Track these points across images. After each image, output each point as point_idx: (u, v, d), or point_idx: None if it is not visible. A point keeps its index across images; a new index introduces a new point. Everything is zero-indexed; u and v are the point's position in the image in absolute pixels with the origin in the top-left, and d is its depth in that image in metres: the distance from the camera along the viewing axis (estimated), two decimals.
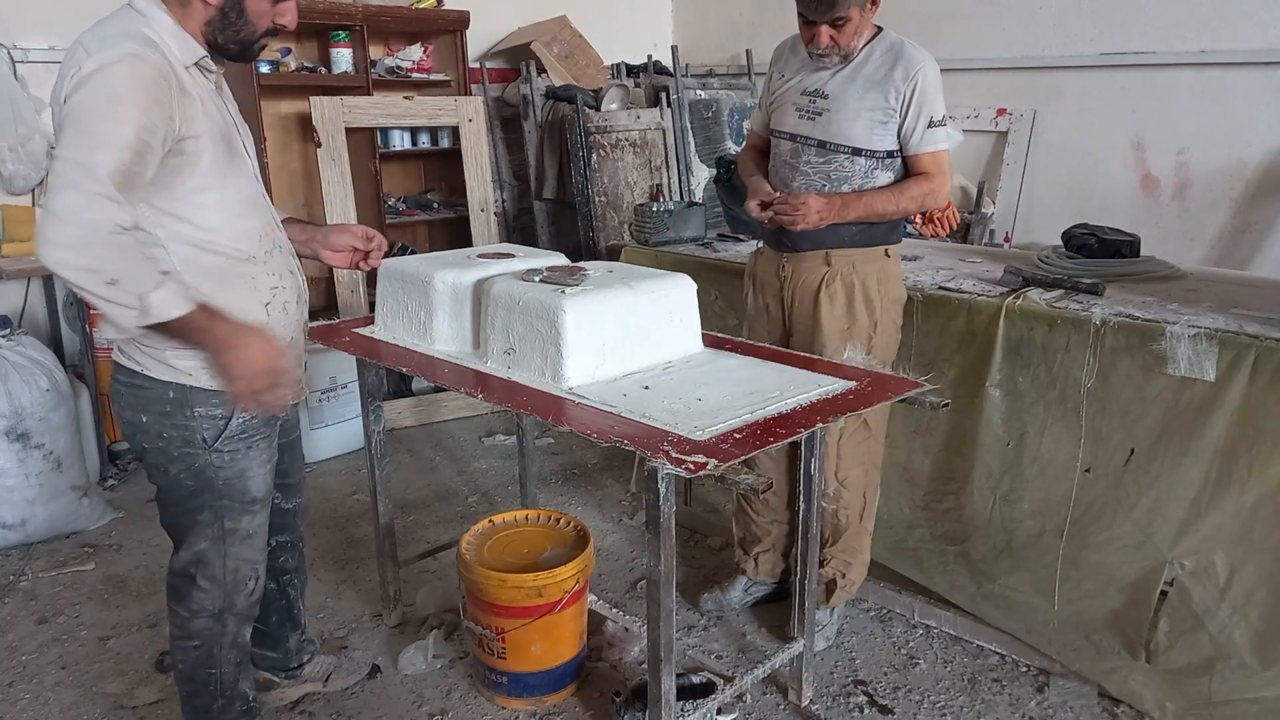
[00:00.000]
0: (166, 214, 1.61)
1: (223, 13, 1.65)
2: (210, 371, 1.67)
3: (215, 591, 1.88)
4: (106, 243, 1.43)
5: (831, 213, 2.33)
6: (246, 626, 1.99)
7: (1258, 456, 2.13)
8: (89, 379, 3.62)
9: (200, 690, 1.96)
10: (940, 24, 4.74)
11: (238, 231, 1.69)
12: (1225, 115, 3.94)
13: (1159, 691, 2.29)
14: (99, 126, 1.47)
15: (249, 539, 1.88)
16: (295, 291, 1.85)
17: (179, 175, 1.58)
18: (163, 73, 1.54)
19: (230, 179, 1.67)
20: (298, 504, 2.21)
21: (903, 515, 2.79)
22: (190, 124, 1.57)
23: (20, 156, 3.70)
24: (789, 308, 2.50)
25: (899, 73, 2.30)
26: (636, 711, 2.18)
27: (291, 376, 1.68)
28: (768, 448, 1.80)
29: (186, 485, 1.79)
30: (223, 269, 1.68)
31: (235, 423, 1.76)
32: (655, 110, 5.05)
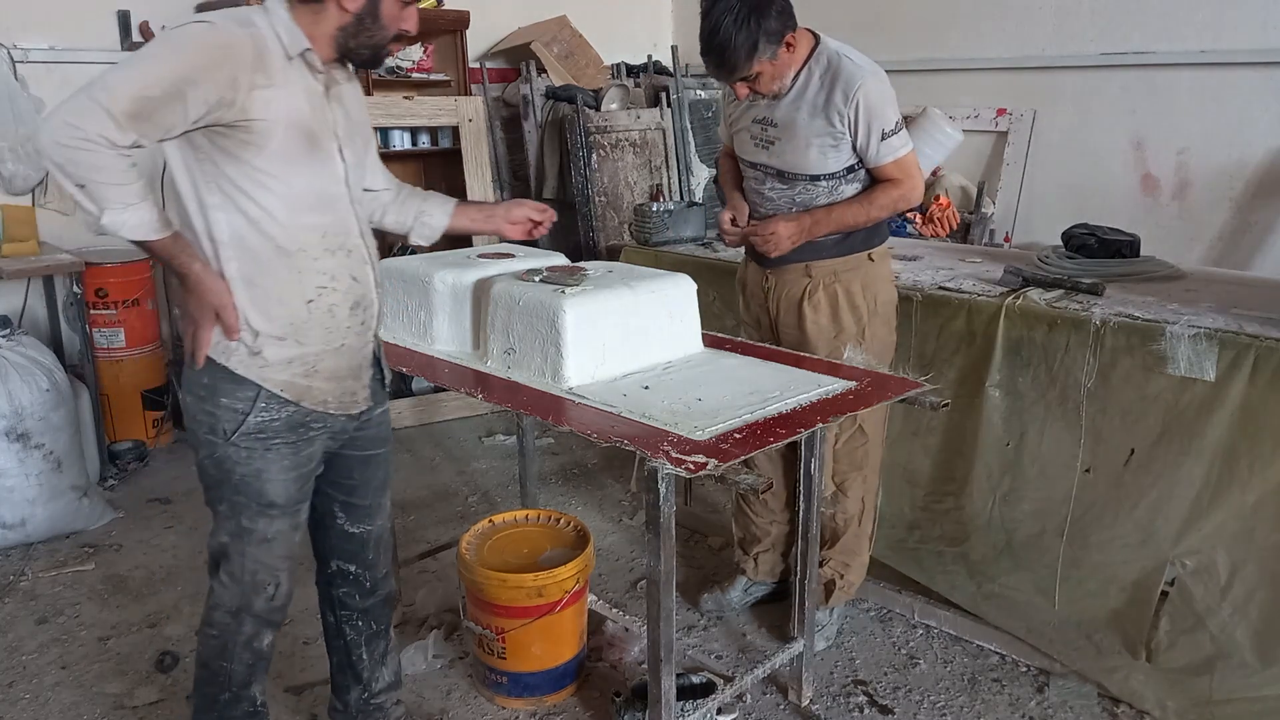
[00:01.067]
0: (229, 183, 1.62)
1: (359, 18, 1.68)
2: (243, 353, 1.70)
3: (234, 589, 1.85)
4: (85, 149, 1.47)
5: (802, 234, 2.34)
6: (267, 632, 1.91)
7: (1258, 456, 2.13)
8: (89, 379, 3.62)
9: (211, 679, 1.94)
10: (940, 24, 4.74)
11: (297, 222, 1.68)
12: (1225, 115, 3.94)
13: (1160, 691, 2.29)
14: (141, 62, 1.54)
15: (267, 544, 1.82)
16: (352, 298, 1.77)
17: (245, 151, 1.60)
18: (234, 44, 1.57)
19: (301, 172, 1.67)
20: (368, 531, 2.01)
21: (903, 515, 2.79)
22: (262, 106, 1.59)
23: (20, 156, 3.70)
24: (774, 318, 2.51)
25: (839, 96, 2.24)
26: (636, 711, 2.18)
27: (230, 323, 1.67)
28: (767, 448, 1.80)
29: (211, 474, 1.79)
30: (267, 252, 1.67)
31: (252, 420, 1.72)
32: (655, 110, 5.05)
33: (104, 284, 3.80)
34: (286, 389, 1.73)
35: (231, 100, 1.56)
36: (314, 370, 1.75)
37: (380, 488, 2.03)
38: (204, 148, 1.60)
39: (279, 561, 1.85)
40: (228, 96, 1.55)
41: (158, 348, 4.06)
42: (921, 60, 4.79)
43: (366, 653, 2.10)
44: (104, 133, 1.48)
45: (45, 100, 3.81)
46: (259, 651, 1.92)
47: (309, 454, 1.82)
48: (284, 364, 1.72)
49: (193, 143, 1.61)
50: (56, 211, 3.90)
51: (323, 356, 1.76)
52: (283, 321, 1.70)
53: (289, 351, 1.72)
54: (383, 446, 2.01)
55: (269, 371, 1.71)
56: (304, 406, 1.76)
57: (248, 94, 1.57)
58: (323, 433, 1.82)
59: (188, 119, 1.54)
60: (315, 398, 1.77)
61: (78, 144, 1.47)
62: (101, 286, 3.80)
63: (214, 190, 1.63)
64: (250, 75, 1.57)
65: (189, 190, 1.65)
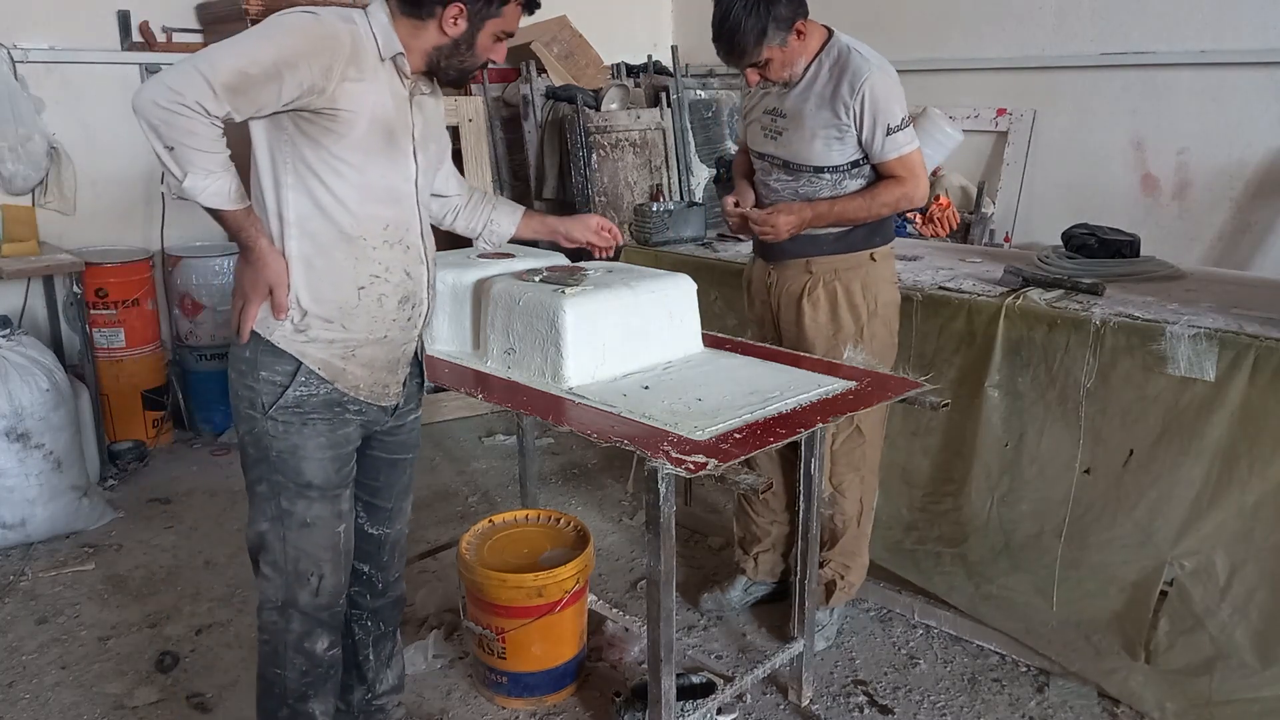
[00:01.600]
0: (305, 166, 1.68)
1: (455, 43, 1.76)
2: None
3: (278, 580, 1.84)
4: (181, 114, 1.53)
5: (801, 224, 2.35)
6: (320, 634, 1.88)
7: (1258, 456, 2.13)
8: (89, 379, 3.62)
9: (268, 691, 1.92)
10: (940, 24, 4.73)
11: (364, 212, 1.73)
12: (1225, 115, 3.93)
13: (1159, 692, 2.29)
14: (246, 40, 1.60)
15: (307, 529, 1.82)
16: (402, 292, 1.81)
17: (326, 138, 1.67)
18: (335, 36, 1.64)
19: (377, 165, 1.73)
20: (386, 533, 2.04)
21: (901, 516, 2.79)
22: (350, 98, 1.65)
23: (20, 156, 3.70)
24: (776, 314, 2.51)
25: (845, 88, 2.26)
26: (636, 711, 2.18)
27: (280, 301, 1.71)
28: (767, 448, 1.80)
29: (250, 452, 1.81)
30: (330, 236, 1.72)
31: (291, 394, 1.75)
32: (655, 110, 5.05)
33: (104, 284, 3.81)
34: (323, 368, 1.76)
35: (323, 88, 1.62)
36: (352, 355, 1.78)
37: (403, 492, 2.06)
38: (288, 130, 1.67)
39: (321, 551, 1.84)
40: (320, 84, 1.62)
41: (158, 348, 4.07)
42: (921, 60, 4.79)
43: (373, 653, 2.11)
44: (201, 100, 1.53)
45: (45, 100, 3.81)
46: (313, 657, 1.89)
47: (345, 434, 1.84)
48: (325, 344, 1.75)
49: (278, 124, 1.67)
50: (56, 211, 3.91)
51: (364, 344, 1.79)
52: (332, 304, 1.74)
53: (333, 334, 1.75)
54: (410, 452, 2.04)
55: (309, 348, 1.75)
56: (338, 388, 1.79)
57: (339, 84, 1.64)
58: (358, 417, 1.85)
59: (280, 100, 1.60)
60: (348, 381, 1.79)
61: (175, 108, 1.53)
62: (101, 286, 3.80)
63: (289, 171, 1.69)
64: (344, 67, 1.64)
65: (266, 168, 1.70)
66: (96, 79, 3.98)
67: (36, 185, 3.83)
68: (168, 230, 4.21)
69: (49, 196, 3.87)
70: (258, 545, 1.85)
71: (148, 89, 1.55)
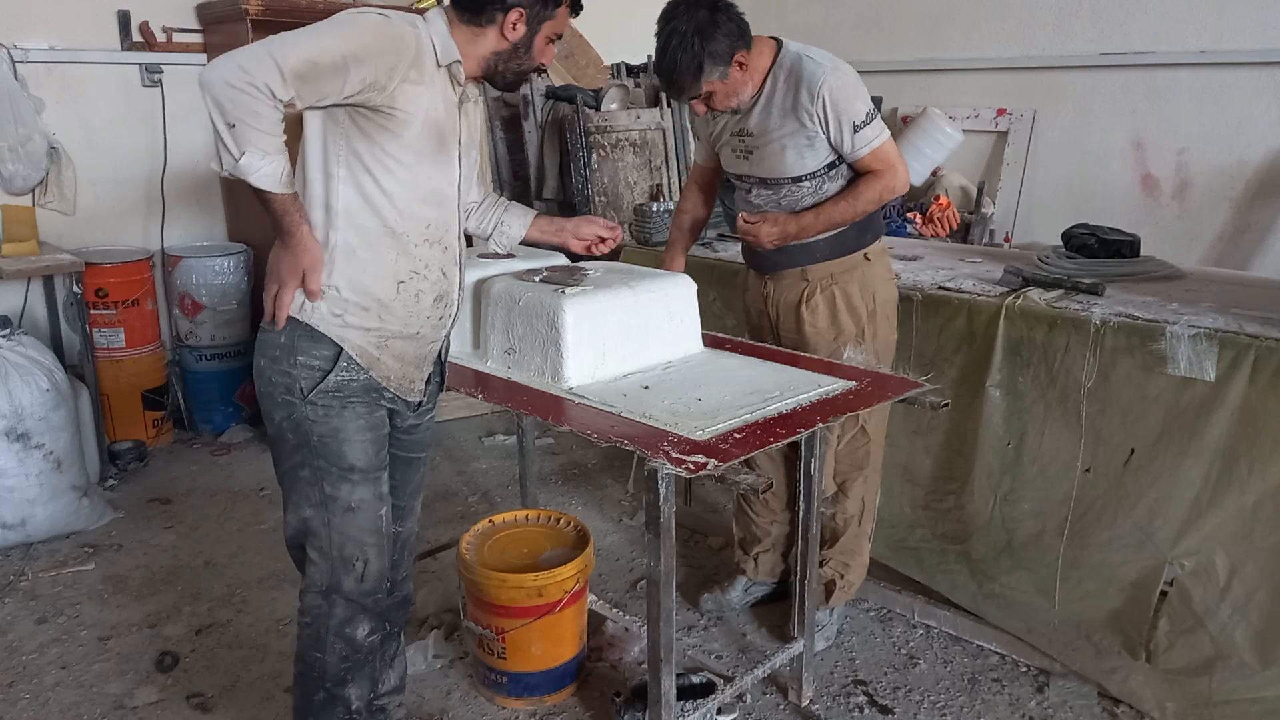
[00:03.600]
0: (357, 160, 1.73)
1: (515, 47, 1.84)
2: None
3: (323, 565, 1.86)
4: (248, 94, 1.57)
5: (785, 237, 2.36)
6: (362, 619, 1.90)
7: (1258, 456, 2.13)
8: (89, 379, 3.61)
9: (307, 674, 1.93)
10: (940, 24, 4.73)
11: (409, 210, 1.78)
12: (1225, 115, 3.94)
13: (1159, 691, 2.29)
14: (317, 31, 1.65)
15: (351, 513, 1.83)
16: (438, 290, 1.87)
17: (381, 135, 1.72)
18: (402, 37, 1.70)
19: (426, 166, 1.79)
20: (398, 532, 2.05)
21: (903, 515, 2.79)
22: (408, 99, 1.71)
23: (20, 156, 3.70)
24: (775, 322, 2.51)
25: (804, 95, 2.25)
26: (636, 711, 2.18)
27: (313, 286, 1.74)
28: (767, 448, 1.80)
29: (289, 438, 1.82)
30: (375, 230, 1.77)
31: (332, 379, 1.78)
32: (655, 110, 5.05)
33: (104, 284, 3.80)
34: (361, 355, 1.80)
35: (385, 86, 1.68)
36: (385, 345, 1.82)
37: (415, 491, 2.10)
38: (344, 123, 1.72)
39: (365, 535, 1.86)
40: (382, 82, 1.67)
41: (158, 348, 4.06)
42: (921, 60, 4.79)
43: (379, 653, 2.10)
44: (270, 83, 1.57)
45: (45, 100, 3.81)
46: (354, 642, 1.90)
47: (380, 418, 1.87)
48: (362, 331, 1.79)
49: (334, 116, 1.72)
50: (56, 211, 3.91)
51: (397, 337, 1.83)
52: (371, 296, 1.78)
53: (369, 323, 1.79)
54: (425, 451, 2.08)
55: (348, 333, 1.78)
56: (372, 375, 1.82)
57: (399, 84, 1.69)
58: (390, 403, 1.88)
59: (343, 92, 1.65)
60: (380, 371, 1.83)
61: (244, 87, 1.56)
62: (101, 286, 3.80)
63: (341, 163, 1.73)
64: (406, 69, 1.70)
65: (317, 158, 1.74)
66: (96, 79, 3.98)
67: (36, 185, 3.82)
68: (168, 230, 4.21)
69: (49, 196, 3.87)
70: (301, 531, 1.87)
71: (219, 66, 1.59)
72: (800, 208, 2.37)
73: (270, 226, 1.73)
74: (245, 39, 3.82)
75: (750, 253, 2.52)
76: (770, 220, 2.36)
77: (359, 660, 1.94)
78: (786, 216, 2.36)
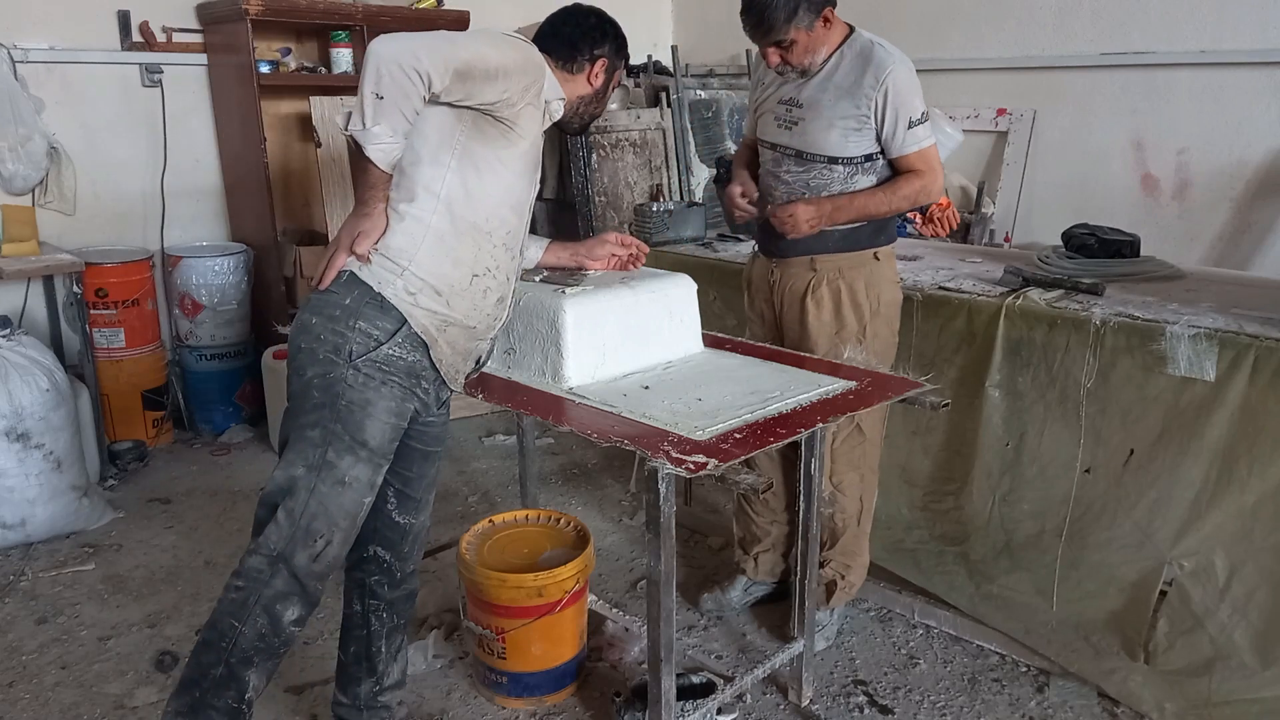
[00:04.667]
0: (469, 158, 1.84)
1: (596, 93, 2.03)
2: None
3: (286, 529, 1.80)
4: (409, 75, 1.67)
5: (822, 218, 2.34)
6: (295, 601, 1.82)
7: (1258, 456, 2.13)
8: (89, 379, 3.61)
9: (213, 643, 1.82)
10: (940, 24, 4.73)
11: (499, 214, 1.89)
12: (1225, 115, 3.93)
13: (1158, 692, 2.29)
14: (473, 39, 1.81)
15: (341, 487, 1.81)
16: (501, 291, 1.96)
17: (498, 142, 1.85)
18: (540, 66, 1.88)
19: (521, 178, 1.92)
20: (411, 523, 2.09)
21: (902, 516, 2.79)
22: (528, 119, 1.86)
23: (20, 156, 3.70)
24: (779, 312, 2.51)
25: (868, 79, 2.27)
26: (636, 711, 2.18)
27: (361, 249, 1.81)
28: (768, 448, 1.80)
29: (314, 395, 1.82)
30: (466, 223, 1.86)
31: (385, 350, 1.82)
32: (655, 110, 5.05)
33: (104, 284, 3.80)
34: (424, 333, 1.85)
35: (515, 103, 1.82)
36: (444, 330, 1.88)
37: (430, 485, 2.13)
38: (468, 121, 1.82)
39: (341, 515, 1.83)
40: (515, 98, 1.81)
41: (158, 348, 4.06)
42: (921, 60, 4.72)
43: (385, 645, 2.15)
44: (432, 73, 1.68)
45: (45, 100, 3.81)
46: (278, 623, 1.82)
47: (408, 408, 1.90)
48: (429, 313, 1.85)
49: (461, 114, 1.81)
50: (57, 211, 3.91)
51: (456, 324, 1.89)
52: (447, 281, 1.85)
53: (436, 305, 1.85)
54: (441, 445, 2.13)
55: (417, 311, 1.84)
56: (425, 358, 1.87)
57: (526, 105, 1.84)
58: (423, 395, 1.92)
59: (484, 97, 1.78)
60: (438, 352, 1.88)
61: (409, 70, 1.67)
62: (101, 286, 3.80)
63: (456, 156, 1.83)
64: (535, 94, 1.86)
65: (433, 145, 1.83)
66: (96, 79, 3.98)
67: (36, 185, 3.83)
68: (168, 230, 4.21)
69: (49, 196, 3.87)
70: (284, 489, 1.82)
71: (397, 42, 1.69)
72: (825, 194, 2.37)
73: (353, 194, 1.84)
74: (245, 39, 3.83)
75: (765, 235, 2.51)
76: (803, 202, 2.36)
77: (273, 646, 1.84)
78: (820, 199, 2.36)
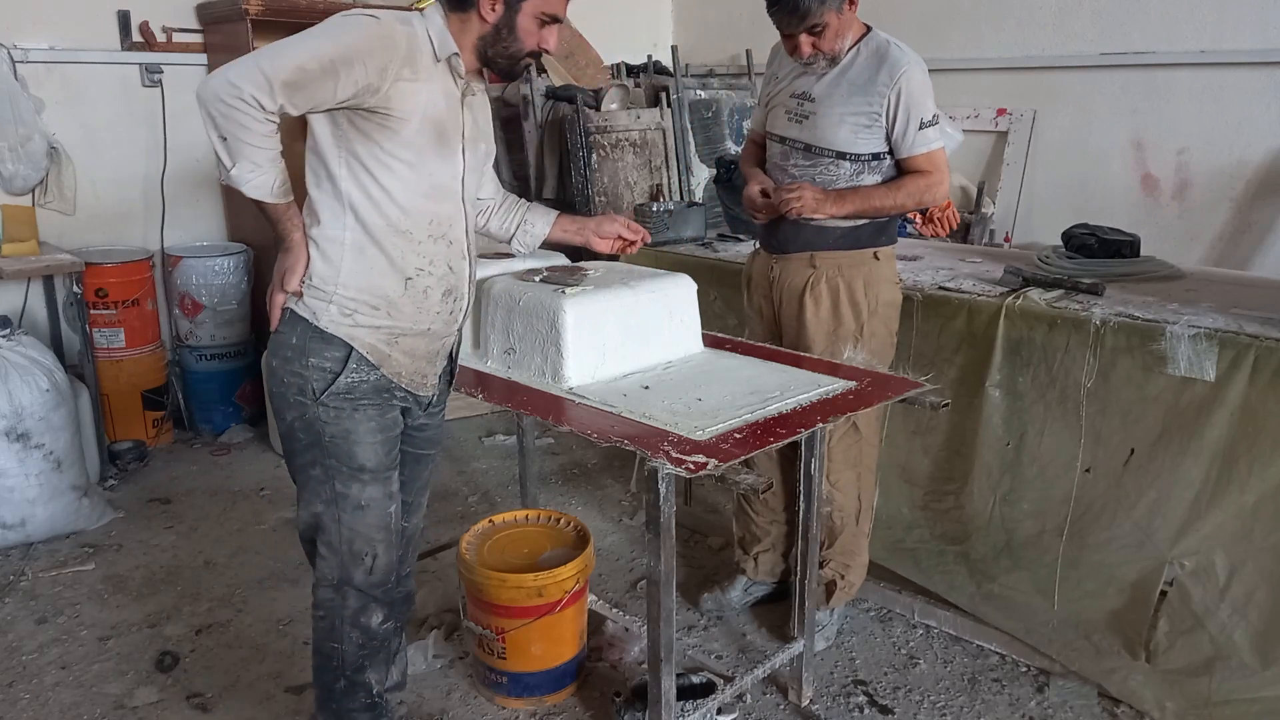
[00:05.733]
0: (357, 161, 1.76)
1: (496, 29, 1.82)
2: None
3: (333, 560, 1.90)
4: (238, 108, 1.61)
5: (827, 203, 2.34)
6: (374, 609, 1.95)
7: (1258, 456, 2.13)
8: (89, 379, 3.61)
9: (325, 665, 1.98)
10: (940, 24, 4.73)
11: (412, 206, 1.80)
12: (1225, 115, 3.93)
13: (1159, 691, 2.29)
14: (306, 38, 1.67)
15: (361, 510, 1.87)
16: (446, 285, 1.89)
17: (379, 134, 1.74)
18: (392, 38, 1.71)
19: (426, 162, 1.80)
20: (404, 528, 2.08)
21: (902, 515, 2.79)
22: (403, 98, 1.72)
23: (20, 156, 3.70)
24: (777, 308, 2.52)
25: (883, 76, 2.28)
26: (636, 711, 2.18)
27: (287, 285, 1.78)
28: (767, 448, 1.80)
29: (300, 437, 1.85)
30: (380, 228, 1.79)
31: (343, 380, 1.80)
32: (655, 110, 5.05)
33: (104, 284, 3.80)
34: (371, 352, 1.82)
35: (378, 88, 1.69)
36: (395, 342, 1.84)
37: (423, 487, 2.13)
38: (343, 125, 1.74)
39: (374, 531, 1.90)
40: (375, 83, 1.69)
41: (158, 348, 4.06)
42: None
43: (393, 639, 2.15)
44: (257, 96, 1.61)
45: (45, 100, 3.81)
46: (368, 630, 1.95)
47: (392, 418, 1.90)
48: (372, 329, 1.82)
49: (334, 120, 1.74)
50: (56, 211, 3.91)
51: (408, 334, 1.85)
52: (380, 293, 1.81)
53: (379, 321, 1.82)
54: (434, 448, 2.11)
55: (358, 332, 1.80)
56: (384, 374, 1.84)
57: (393, 84, 1.70)
58: (402, 403, 1.91)
59: (336, 97, 1.67)
60: (392, 367, 1.85)
61: (233, 101, 1.60)
62: (101, 286, 3.80)
63: (343, 164, 1.77)
64: (399, 68, 1.71)
65: (321, 160, 1.78)
66: (96, 79, 3.98)
67: (36, 185, 3.83)
68: (168, 230, 4.21)
69: (49, 196, 3.87)
70: (313, 526, 1.91)
71: (212, 81, 1.63)
72: (831, 189, 2.37)
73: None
74: (245, 39, 3.83)
75: (767, 229, 2.51)
76: (811, 185, 2.36)
77: (375, 647, 1.98)
78: (826, 191, 2.36)
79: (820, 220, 2.39)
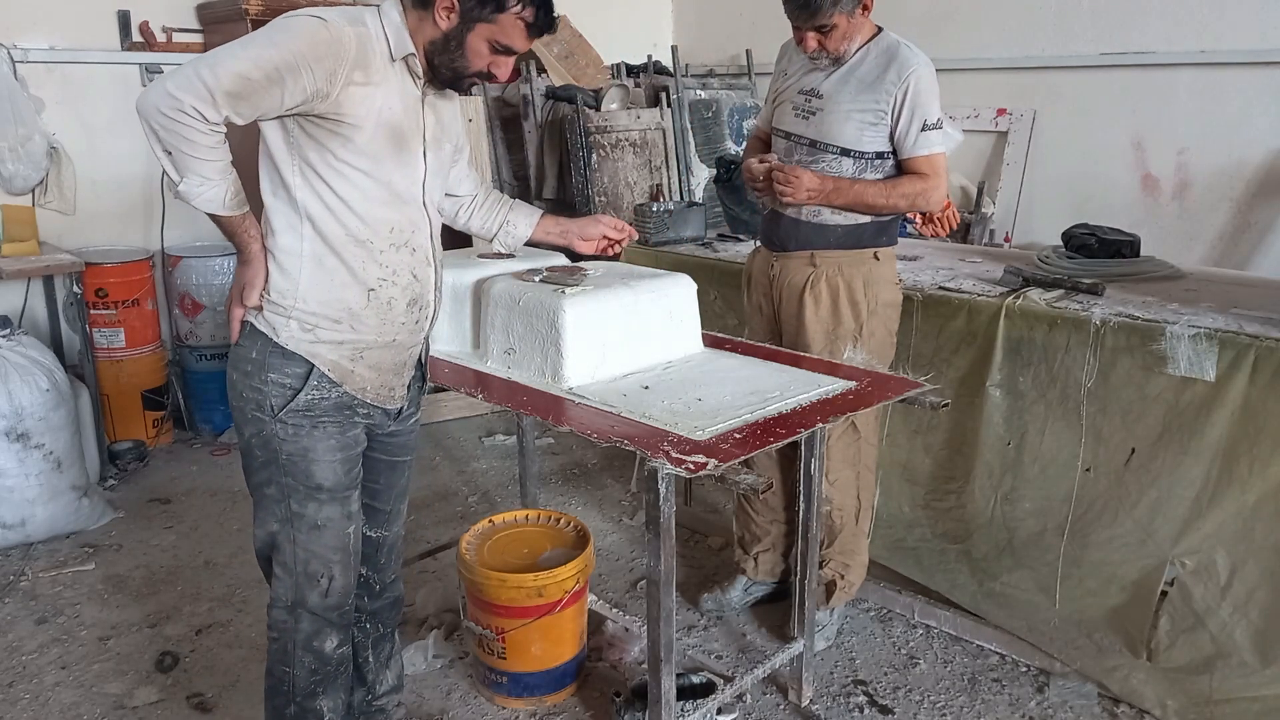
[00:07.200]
0: (310, 169, 1.69)
1: (446, 38, 1.72)
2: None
3: (288, 580, 1.84)
4: (180, 120, 1.53)
5: (822, 194, 2.35)
6: (329, 633, 1.88)
7: (1258, 456, 2.13)
8: (89, 379, 3.62)
9: (276, 689, 1.92)
10: (940, 24, 4.73)
11: (370, 215, 1.73)
12: (1225, 115, 3.93)
13: (1160, 690, 2.29)
14: (249, 45, 1.59)
15: (318, 530, 1.81)
16: (411, 295, 1.81)
17: (331, 141, 1.67)
18: (340, 41, 1.62)
19: (385, 169, 1.73)
20: (383, 536, 2.05)
21: (903, 514, 2.79)
22: (355, 103, 1.65)
23: (20, 156, 3.70)
24: (777, 306, 2.52)
25: (891, 75, 2.29)
26: (636, 711, 2.18)
27: (247, 299, 1.72)
28: (767, 448, 1.80)
29: (257, 454, 1.80)
30: (339, 239, 1.72)
31: (303, 398, 1.75)
32: (655, 110, 5.05)
33: (104, 284, 3.80)
34: (333, 369, 1.76)
35: (327, 93, 1.62)
36: (360, 357, 1.79)
37: (400, 494, 2.07)
38: (294, 133, 1.67)
39: (331, 552, 1.84)
40: (324, 89, 1.61)
41: (158, 348, 4.07)
42: None
43: (373, 655, 2.12)
44: (199, 107, 1.53)
45: (45, 100, 3.81)
46: (321, 655, 1.89)
47: (354, 436, 1.84)
48: (334, 345, 1.75)
49: (285, 127, 1.67)
50: (56, 211, 3.91)
51: (373, 347, 1.79)
52: (342, 306, 1.74)
53: (341, 335, 1.75)
54: (409, 454, 2.05)
55: (319, 349, 1.74)
56: (347, 390, 1.78)
57: (343, 89, 1.63)
58: (366, 420, 1.85)
59: (283, 104, 1.60)
60: (356, 383, 1.79)
61: (174, 114, 1.53)
62: (101, 286, 3.80)
63: (296, 173, 1.69)
64: (349, 72, 1.63)
65: (274, 169, 1.71)
66: (96, 79, 3.98)
67: (36, 185, 3.82)
68: (168, 230, 4.21)
69: (49, 196, 3.87)
70: (268, 545, 1.85)
71: (150, 93, 1.55)
72: (828, 178, 2.37)
73: None
74: None
75: (767, 226, 2.52)
76: (808, 170, 2.36)
77: (329, 673, 1.91)
78: (824, 176, 2.36)
79: (821, 218, 2.39)
